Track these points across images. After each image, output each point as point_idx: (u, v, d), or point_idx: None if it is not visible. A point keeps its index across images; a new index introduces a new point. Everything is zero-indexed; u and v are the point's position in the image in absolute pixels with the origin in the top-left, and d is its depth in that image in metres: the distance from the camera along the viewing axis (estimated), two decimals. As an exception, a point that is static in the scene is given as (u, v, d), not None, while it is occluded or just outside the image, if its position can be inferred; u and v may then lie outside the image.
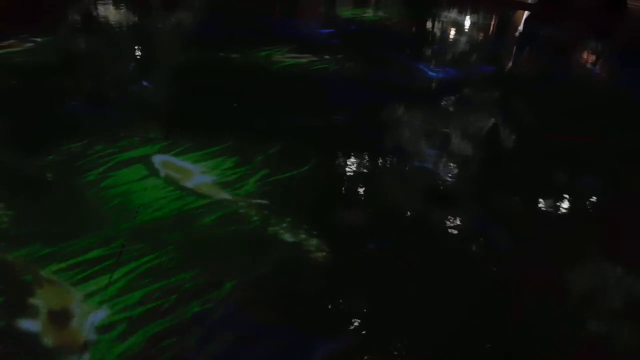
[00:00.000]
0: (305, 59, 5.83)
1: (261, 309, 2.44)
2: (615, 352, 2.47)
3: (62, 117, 4.11)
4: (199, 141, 3.82)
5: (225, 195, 3.24)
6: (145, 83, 4.93)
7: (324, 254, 2.81)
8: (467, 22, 8.49)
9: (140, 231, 2.85)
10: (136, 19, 7.18)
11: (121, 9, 7.35)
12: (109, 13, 7.11)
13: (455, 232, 3.19)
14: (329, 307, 2.50)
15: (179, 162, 3.56)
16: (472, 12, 8.93)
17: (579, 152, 4.35)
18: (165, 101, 4.58)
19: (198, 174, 3.44)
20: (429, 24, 8.43)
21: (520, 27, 8.82)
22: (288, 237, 2.91)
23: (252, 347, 2.24)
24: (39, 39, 5.62)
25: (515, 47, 7.95)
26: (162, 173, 3.42)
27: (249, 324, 2.35)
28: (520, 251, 3.06)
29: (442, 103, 5.05)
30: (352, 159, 3.90)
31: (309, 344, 2.29)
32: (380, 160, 3.92)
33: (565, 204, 3.63)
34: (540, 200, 3.62)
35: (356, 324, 2.42)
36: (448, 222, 3.26)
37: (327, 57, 5.94)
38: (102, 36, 6.27)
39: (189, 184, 3.33)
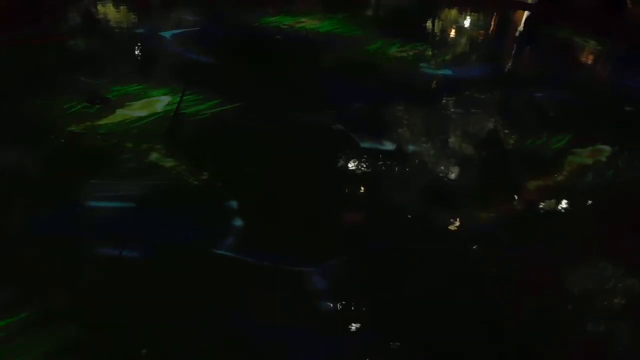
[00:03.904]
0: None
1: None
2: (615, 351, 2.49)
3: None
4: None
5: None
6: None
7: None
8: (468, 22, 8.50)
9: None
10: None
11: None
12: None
13: (453, 231, 3.22)
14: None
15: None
16: (472, 12, 8.92)
17: (577, 152, 4.35)
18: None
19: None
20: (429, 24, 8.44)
21: (521, 27, 8.81)
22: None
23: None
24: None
25: (514, 47, 7.94)
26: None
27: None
28: (520, 251, 3.08)
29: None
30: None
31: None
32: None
33: (565, 204, 3.65)
34: (540, 200, 3.64)
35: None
36: (449, 222, 3.28)
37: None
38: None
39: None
